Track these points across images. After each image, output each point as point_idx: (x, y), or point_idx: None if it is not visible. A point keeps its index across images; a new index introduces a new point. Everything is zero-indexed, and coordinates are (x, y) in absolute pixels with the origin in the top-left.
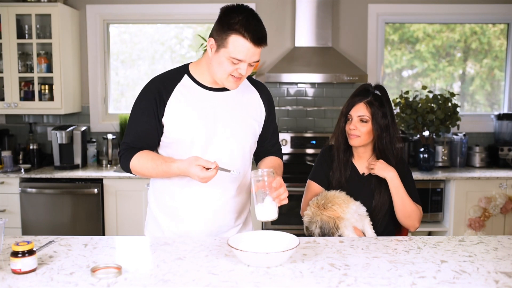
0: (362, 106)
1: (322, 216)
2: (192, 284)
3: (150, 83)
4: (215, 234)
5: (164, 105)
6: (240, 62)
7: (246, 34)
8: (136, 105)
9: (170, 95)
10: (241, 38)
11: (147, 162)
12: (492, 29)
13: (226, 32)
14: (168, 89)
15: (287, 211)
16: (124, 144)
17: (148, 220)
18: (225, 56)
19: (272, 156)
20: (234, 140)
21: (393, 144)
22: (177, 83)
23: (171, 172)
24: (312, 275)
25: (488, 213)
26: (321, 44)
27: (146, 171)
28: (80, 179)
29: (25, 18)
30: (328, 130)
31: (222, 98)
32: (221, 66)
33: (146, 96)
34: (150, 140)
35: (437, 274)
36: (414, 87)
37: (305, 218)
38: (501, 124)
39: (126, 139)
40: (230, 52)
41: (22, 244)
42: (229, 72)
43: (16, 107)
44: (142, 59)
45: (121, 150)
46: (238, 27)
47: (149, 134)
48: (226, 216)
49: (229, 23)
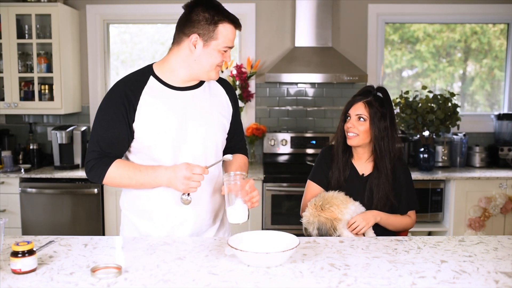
0: (361, 105)
1: (319, 218)
2: (192, 284)
3: (115, 87)
4: (196, 234)
5: (134, 110)
6: (228, 49)
7: (232, 21)
8: (103, 111)
9: (139, 99)
10: (229, 25)
11: (128, 170)
12: (492, 29)
13: (214, 24)
14: (135, 93)
15: (287, 211)
16: (94, 153)
17: (124, 225)
18: (216, 48)
19: (238, 154)
20: (207, 138)
21: (391, 146)
22: (143, 85)
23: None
24: (312, 275)
25: (488, 213)
26: (321, 44)
27: (126, 180)
28: (80, 179)
29: (25, 18)
30: (328, 130)
31: (191, 96)
32: (210, 59)
33: (113, 101)
34: (122, 146)
35: (437, 274)
36: (414, 87)
37: (303, 219)
38: (501, 124)
39: (94, 147)
40: (221, 43)
41: (22, 244)
42: (217, 63)
43: (16, 107)
44: (142, 59)
45: (91, 160)
46: (222, 16)
47: (120, 140)
48: (205, 216)
49: (214, 15)
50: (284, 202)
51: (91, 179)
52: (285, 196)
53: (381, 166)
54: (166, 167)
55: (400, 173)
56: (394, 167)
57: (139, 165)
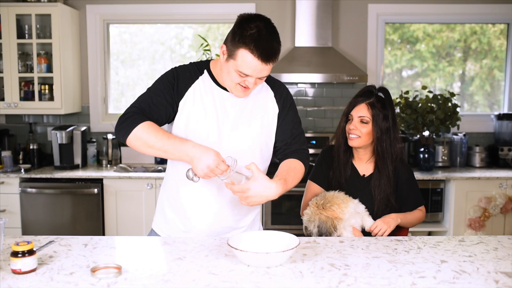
0: (363, 107)
1: (320, 216)
2: (192, 284)
3: (175, 69)
4: (217, 234)
5: (180, 96)
6: (247, 76)
7: (255, 51)
8: (157, 81)
9: (189, 88)
10: (249, 55)
11: (158, 132)
12: (492, 29)
13: (237, 44)
14: (187, 81)
15: (287, 211)
16: (134, 108)
17: (157, 213)
18: (233, 68)
19: (289, 159)
20: (243, 141)
21: (392, 147)
22: (197, 77)
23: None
24: (312, 275)
25: (488, 213)
26: (321, 44)
27: (152, 139)
28: (80, 179)
29: (25, 18)
30: (328, 130)
31: (237, 100)
32: (229, 75)
33: (168, 78)
34: (159, 116)
35: (437, 274)
36: (413, 87)
37: (304, 218)
38: (501, 124)
39: (135, 104)
40: (238, 66)
41: (22, 244)
42: (236, 82)
43: (16, 107)
44: (142, 59)
45: (129, 112)
46: (248, 42)
47: (161, 110)
48: (229, 217)
49: (241, 35)
50: (284, 202)
51: (118, 133)
52: (285, 196)
53: (383, 167)
54: (194, 144)
55: (402, 174)
56: (396, 168)
57: (169, 133)
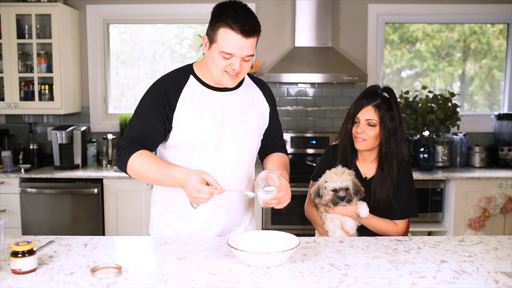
0: (370, 110)
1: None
2: (192, 284)
3: (156, 84)
4: (225, 233)
5: (172, 108)
6: (232, 57)
7: (233, 25)
8: (143, 103)
9: (178, 98)
10: (229, 31)
11: (148, 162)
12: (491, 29)
13: (215, 26)
14: (175, 91)
15: (287, 211)
16: (126, 138)
17: (154, 221)
18: (216, 51)
19: (278, 153)
20: (242, 140)
21: (399, 148)
22: (184, 84)
23: (171, 176)
24: (312, 275)
25: (488, 213)
26: (321, 44)
27: (144, 171)
28: (80, 179)
29: (25, 18)
30: (328, 130)
31: (228, 97)
32: (213, 62)
33: (153, 96)
34: (155, 138)
35: (437, 274)
36: (413, 87)
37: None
38: (501, 124)
39: (128, 133)
40: (220, 46)
41: (22, 244)
42: (222, 67)
43: (16, 107)
44: (142, 59)
45: (123, 144)
46: (226, 19)
47: (155, 131)
48: (234, 216)
49: (218, 16)
50: None
51: (118, 166)
52: None
53: (388, 169)
54: (181, 170)
55: (404, 177)
56: (399, 170)
57: (160, 160)
